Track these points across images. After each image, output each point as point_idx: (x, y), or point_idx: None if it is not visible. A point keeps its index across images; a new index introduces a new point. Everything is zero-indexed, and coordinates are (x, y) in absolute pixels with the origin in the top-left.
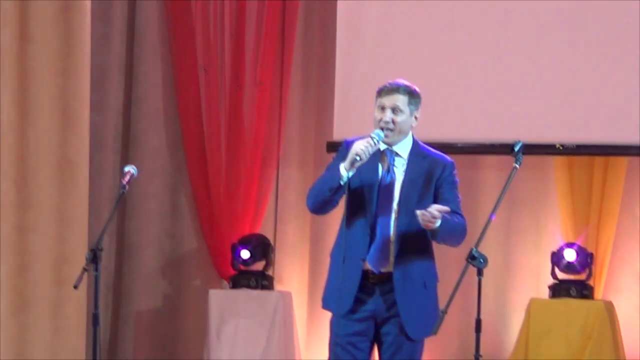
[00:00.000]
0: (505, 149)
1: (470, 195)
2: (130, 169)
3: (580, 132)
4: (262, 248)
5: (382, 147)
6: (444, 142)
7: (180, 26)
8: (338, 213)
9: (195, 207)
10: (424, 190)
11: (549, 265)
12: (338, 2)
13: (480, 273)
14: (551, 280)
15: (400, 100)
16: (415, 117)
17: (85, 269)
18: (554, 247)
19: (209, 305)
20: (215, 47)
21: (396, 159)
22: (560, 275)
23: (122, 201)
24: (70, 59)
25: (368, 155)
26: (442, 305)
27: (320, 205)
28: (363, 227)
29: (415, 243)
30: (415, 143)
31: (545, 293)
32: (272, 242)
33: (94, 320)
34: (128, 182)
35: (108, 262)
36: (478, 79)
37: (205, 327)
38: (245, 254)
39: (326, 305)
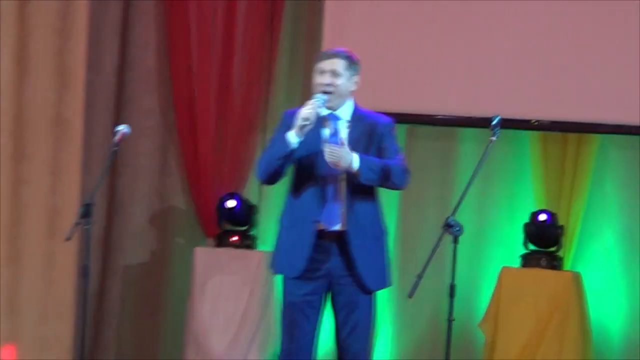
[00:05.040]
0: (483, 122)
1: (447, 166)
2: (123, 128)
3: (555, 109)
4: (246, 207)
5: (325, 112)
6: (426, 114)
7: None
8: None
9: (183, 167)
10: (368, 148)
11: (521, 236)
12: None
13: (455, 240)
14: (523, 251)
15: (339, 64)
16: (355, 82)
17: (77, 223)
18: (526, 219)
19: (193, 262)
20: (207, 14)
21: (339, 122)
22: (531, 246)
23: (114, 158)
24: (68, 19)
25: (315, 118)
26: (417, 269)
27: (271, 175)
28: (313, 190)
29: (364, 199)
30: (355, 107)
31: (516, 262)
32: (256, 203)
33: (85, 271)
34: (120, 141)
35: (98, 217)
36: (460, 56)
37: (190, 282)
38: (231, 203)
39: (277, 269)
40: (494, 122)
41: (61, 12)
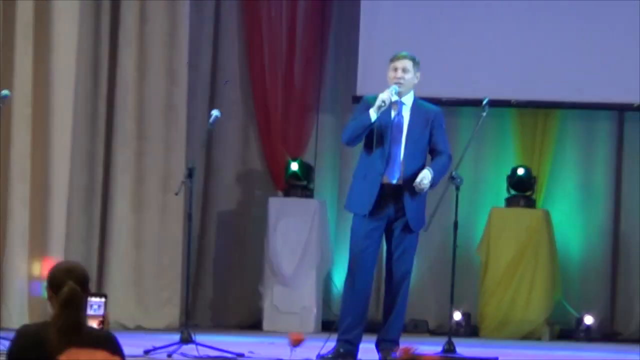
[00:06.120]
0: (476, 103)
1: (451, 135)
2: (216, 112)
3: (529, 92)
4: (306, 168)
5: (395, 98)
6: (435, 97)
7: (251, 18)
8: (357, 147)
9: (259, 140)
10: (424, 128)
11: (505, 184)
12: (362, 1)
13: (457, 189)
14: (506, 195)
15: (408, 63)
16: (417, 77)
17: (183, 182)
18: (509, 172)
19: (268, 208)
20: (277, 30)
21: (403, 106)
22: (513, 191)
23: (210, 135)
24: (173, 35)
25: (389, 102)
26: (431, 210)
27: (353, 139)
28: (381, 152)
29: (416, 163)
30: (415, 97)
31: (502, 203)
32: (313, 165)
33: (189, 217)
34: (214, 122)
35: (199, 177)
36: (461, 53)
37: (266, 223)
38: (295, 165)
39: (350, 208)
40: (484, 103)
41: (169, 30)
